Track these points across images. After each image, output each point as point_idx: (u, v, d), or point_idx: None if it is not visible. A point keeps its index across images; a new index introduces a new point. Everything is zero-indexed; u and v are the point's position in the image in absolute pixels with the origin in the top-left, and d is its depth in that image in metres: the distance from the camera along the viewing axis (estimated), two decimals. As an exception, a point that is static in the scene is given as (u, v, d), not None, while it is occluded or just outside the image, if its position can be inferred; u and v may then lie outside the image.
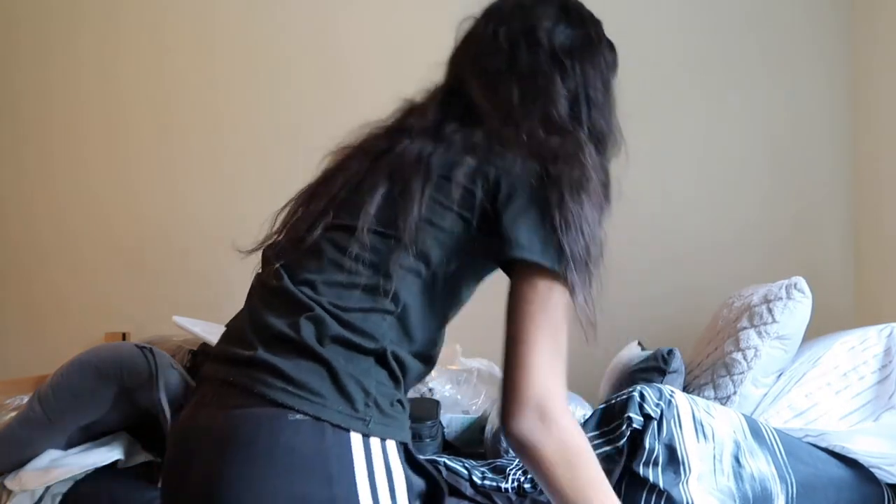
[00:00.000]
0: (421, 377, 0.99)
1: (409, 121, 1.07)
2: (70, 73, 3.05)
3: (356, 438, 0.87)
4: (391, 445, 0.91)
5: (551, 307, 0.92)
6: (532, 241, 0.92)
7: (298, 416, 0.85)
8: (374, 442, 0.88)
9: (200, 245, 2.85)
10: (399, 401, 0.94)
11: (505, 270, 0.97)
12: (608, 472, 1.36)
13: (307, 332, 0.89)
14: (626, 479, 1.36)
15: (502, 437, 1.72)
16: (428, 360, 1.00)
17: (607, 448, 1.39)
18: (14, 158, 3.14)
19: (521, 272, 0.93)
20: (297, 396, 0.86)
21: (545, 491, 0.94)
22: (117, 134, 3.00)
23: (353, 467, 0.86)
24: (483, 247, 0.95)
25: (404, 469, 0.92)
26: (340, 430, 0.86)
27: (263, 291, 0.99)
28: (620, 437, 1.39)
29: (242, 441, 0.86)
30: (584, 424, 1.46)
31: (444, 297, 0.98)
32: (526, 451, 0.91)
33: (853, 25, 2.37)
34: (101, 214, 2.99)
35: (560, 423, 0.90)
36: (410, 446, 0.95)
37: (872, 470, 1.46)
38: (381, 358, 0.92)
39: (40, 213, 3.08)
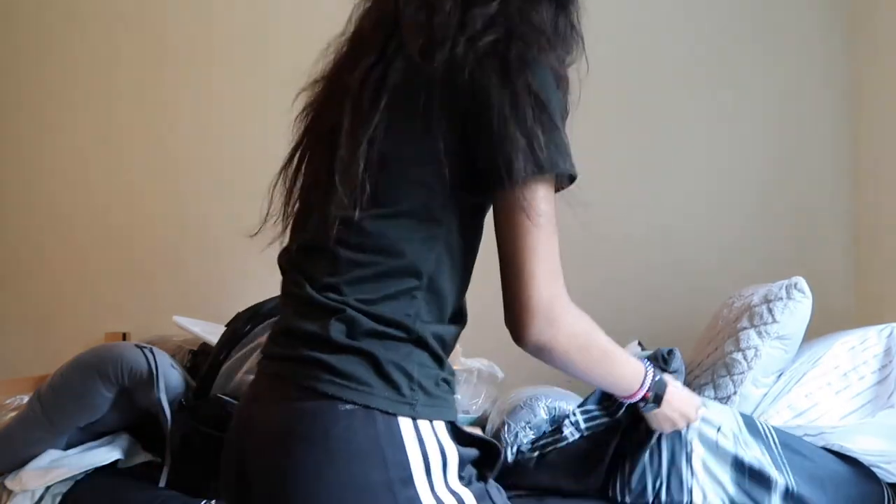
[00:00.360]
0: (459, 335, 1.00)
1: (364, 33, 1.01)
2: (68, 71, 3.05)
3: (405, 422, 0.89)
4: (440, 426, 0.92)
5: (539, 212, 0.89)
6: (507, 160, 0.87)
7: (348, 406, 0.87)
8: (423, 424, 0.90)
9: (200, 245, 2.85)
10: (444, 380, 0.95)
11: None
12: (607, 443, 1.46)
13: (338, 332, 0.90)
14: (629, 448, 1.40)
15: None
16: (462, 315, 1.00)
17: (606, 419, 1.42)
18: (14, 158, 3.14)
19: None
20: (345, 387, 0.88)
21: (569, 373, 0.99)
22: (118, 134, 3.00)
23: (405, 451, 0.88)
24: (476, 182, 0.92)
25: (455, 446, 0.93)
26: (389, 416, 0.88)
27: (293, 301, 0.98)
28: (618, 410, 1.47)
29: (298, 434, 0.87)
30: (586, 400, 1.53)
31: (466, 243, 0.97)
32: (542, 353, 0.94)
33: (854, 25, 2.37)
34: (101, 214, 2.99)
35: (566, 320, 0.92)
36: (457, 423, 0.96)
37: (872, 468, 1.46)
38: (418, 342, 0.93)
39: (40, 214, 3.08)
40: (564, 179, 0.93)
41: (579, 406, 1.55)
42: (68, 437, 1.84)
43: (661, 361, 1.74)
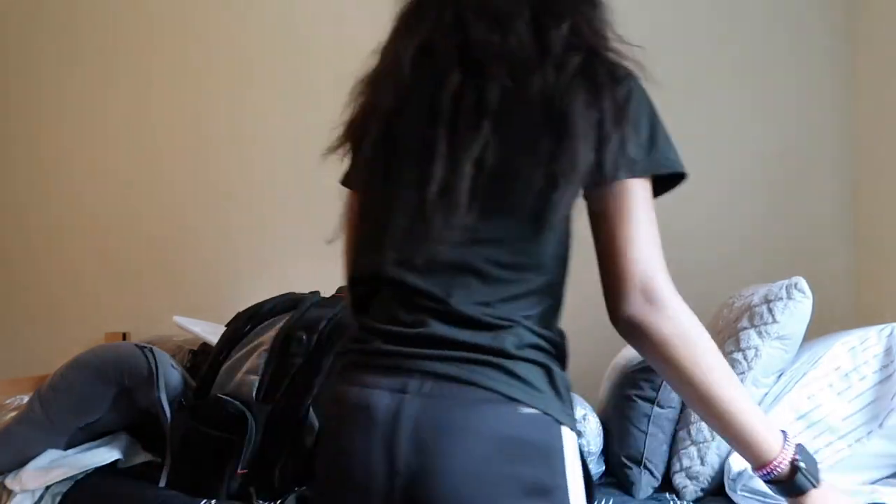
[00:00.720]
0: None
1: (433, 45, 0.98)
2: (64, 81, 3.06)
3: (566, 432, 0.92)
4: (576, 438, 0.95)
5: (642, 202, 0.93)
6: (606, 161, 0.90)
7: (529, 410, 0.89)
8: (573, 436, 0.93)
9: (201, 246, 2.85)
10: None
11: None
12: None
13: (510, 343, 0.92)
14: None
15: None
16: None
17: None
18: (12, 162, 3.14)
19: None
20: (525, 392, 0.90)
21: (673, 383, 0.94)
22: (120, 135, 3.00)
23: (565, 459, 0.91)
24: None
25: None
26: (558, 424, 0.91)
27: (428, 313, 0.95)
28: None
29: (476, 431, 0.88)
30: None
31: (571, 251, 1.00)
32: (639, 336, 0.91)
33: (854, 26, 2.37)
34: (100, 215, 2.99)
35: (671, 304, 0.91)
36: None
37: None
38: (562, 358, 0.96)
39: (40, 215, 3.08)
40: (667, 181, 0.97)
41: None
42: (68, 437, 1.84)
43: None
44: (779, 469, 0.92)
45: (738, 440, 0.94)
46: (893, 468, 1.55)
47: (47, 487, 1.71)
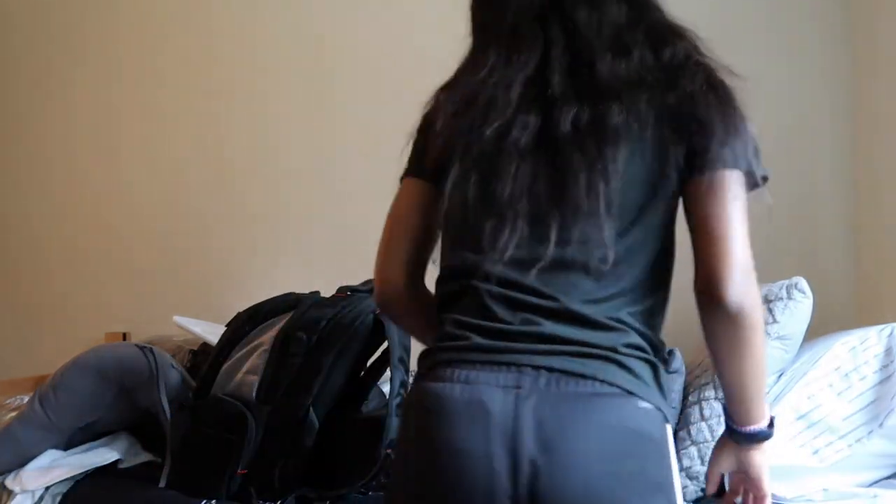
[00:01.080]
0: None
1: (547, 77, 1.01)
2: (67, 77, 3.06)
3: (669, 430, 0.96)
4: None
5: (740, 197, 0.97)
6: (727, 152, 0.98)
7: (646, 405, 0.92)
8: (671, 433, 0.97)
9: (201, 245, 2.85)
10: None
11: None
12: None
13: (620, 343, 0.94)
14: None
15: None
16: None
17: None
18: (13, 160, 3.14)
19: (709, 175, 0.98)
20: (639, 386, 0.93)
21: (733, 360, 0.98)
22: (117, 136, 3.00)
23: (670, 457, 0.95)
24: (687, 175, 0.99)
25: None
26: (666, 422, 0.95)
27: (539, 311, 0.96)
28: None
29: (599, 422, 0.90)
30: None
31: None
32: (739, 318, 0.95)
33: (854, 23, 2.37)
34: (100, 215, 2.99)
35: (757, 290, 0.96)
36: None
37: None
38: (663, 360, 1.00)
39: (39, 214, 3.08)
40: (757, 179, 1.02)
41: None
42: (68, 437, 1.84)
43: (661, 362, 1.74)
44: (766, 422, 1.05)
45: (757, 402, 1.03)
46: (893, 468, 1.55)
47: (47, 487, 1.72)
